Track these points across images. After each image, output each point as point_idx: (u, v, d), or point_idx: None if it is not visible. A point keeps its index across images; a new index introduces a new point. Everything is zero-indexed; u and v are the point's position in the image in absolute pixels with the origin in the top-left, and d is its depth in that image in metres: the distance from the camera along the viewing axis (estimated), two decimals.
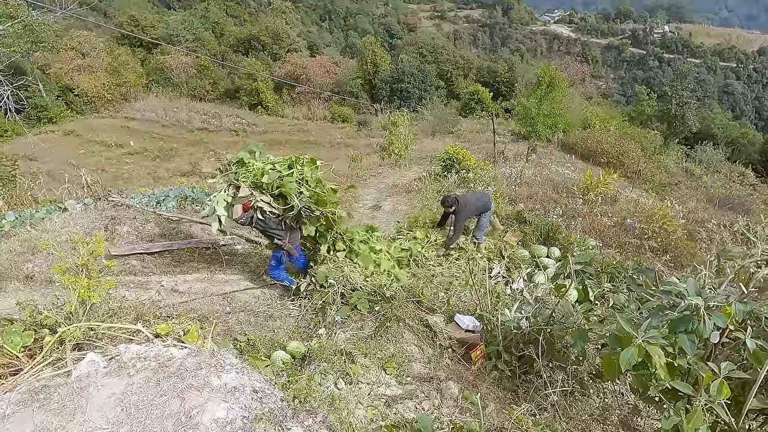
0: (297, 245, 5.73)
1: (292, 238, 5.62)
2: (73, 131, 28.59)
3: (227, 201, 5.42)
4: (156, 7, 77.01)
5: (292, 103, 39.79)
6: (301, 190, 5.52)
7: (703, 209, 13.70)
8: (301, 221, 5.71)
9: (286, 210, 5.47)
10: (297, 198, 5.43)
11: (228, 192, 5.47)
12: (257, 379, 3.10)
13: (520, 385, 4.07)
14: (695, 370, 2.81)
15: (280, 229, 5.51)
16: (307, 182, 5.63)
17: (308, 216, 5.60)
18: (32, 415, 2.56)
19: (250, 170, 5.51)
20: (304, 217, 5.60)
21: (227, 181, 5.55)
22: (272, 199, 5.46)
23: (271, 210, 5.43)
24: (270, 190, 5.46)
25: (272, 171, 5.47)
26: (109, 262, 4.16)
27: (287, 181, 5.42)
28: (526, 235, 8.42)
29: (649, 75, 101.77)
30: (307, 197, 5.55)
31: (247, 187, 5.40)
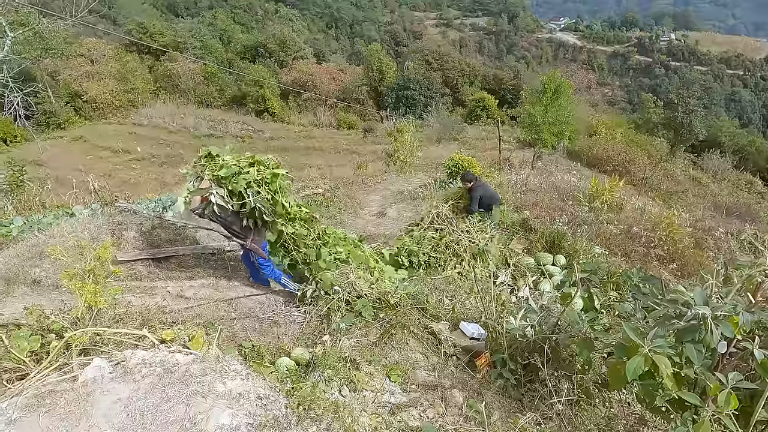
0: (264, 243, 5.70)
1: (256, 238, 5.58)
2: (81, 137, 28.89)
3: (189, 191, 5.42)
4: (164, 14, 77.87)
5: (298, 109, 40.06)
6: (258, 189, 5.45)
7: (710, 217, 13.61)
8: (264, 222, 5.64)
9: (239, 206, 5.42)
10: (252, 196, 5.37)
11: (194, 183, 5.48)
12: (262, 386, 3.11)
13: (525, 393, 4.04)
14: (702, 380, 2.79)
15: (241, 226, 5.50)
16: (267, 184, 5.56)
17: (261, 217, 5.54)
18: (38, 419, 2.57)
19: (216, 164, 5.51)
20: (257, 218, 5.53)
21: (195, 173, 5.56)
22: (227, 193, 5.41)
23: (223, 204, 5.36)
24: (225, 185, 5.41)
25: (231, 166, 5.46)
26: (115, 267, 4.18)
27: (240, 178, 5.38)
28: (531, 243, 8.40)
29: (655, 83, 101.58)
30: (263, 198, 5.48)
31: (209, 179, 5.38)
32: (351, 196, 12.35)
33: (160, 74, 40.50)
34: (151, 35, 44.01)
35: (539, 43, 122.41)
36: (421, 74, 41.40)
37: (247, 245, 5.50)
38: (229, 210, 5.39)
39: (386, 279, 6.30)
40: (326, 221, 10.17)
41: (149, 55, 42.77)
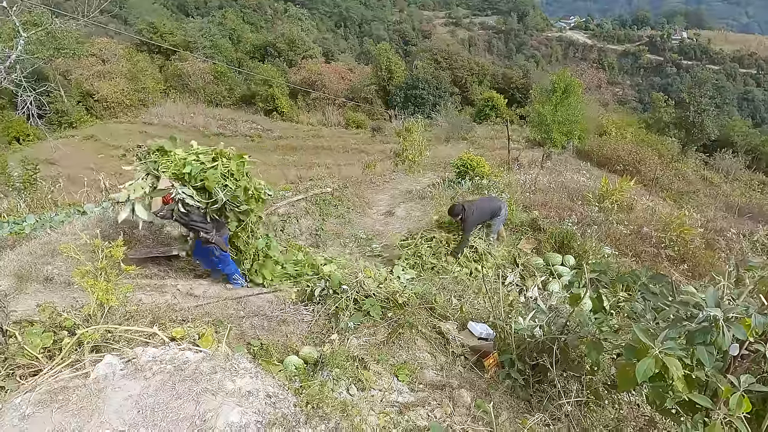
0: (225, 237, 5.58)
1: (220, 232, 5.46)
2: (92, 136, 29.19)
3: (144, 191, 5.11)
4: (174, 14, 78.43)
5: (307, 108, 40.19)
6: (225, 183, 5.30)
7: (722, 218, 13.47)
8: (225, 216, 5.52)
9: (210, 203, 5.26)
10: (222, 191, 5.23)
11: (146, 181, 5.16)
12: (270, 384, 3.12)
13: (533, 394, 4.03)
14: (714, 382, 2.76)
15: (205, 221, 5.31)
16: (233, 176, 5.40)
17: (233, 210, 5.43)
18: (51, 415, 2.61)
19: (172, 160, 5.22)
20: (227, 211, 5.42)
21: (146, 170, 5.22)
22: (195, 192, 5.19)
23: (194, 203, 5.17)
24: (193, 182, 5.18)
25: (195, 162, 5.21)
26: (126, 266, 4.23)
27: (211, 174, 5.18)
28: (540, 243, 8.36)
29: (666, 81, 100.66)
30: (233, 191, 5.34)
31: (168, 178, 5.10)
32: (359, 195, 12.36)
33: (170, 73, 40.82)
34: (161, 35, 44.34)
35: (549, 42, 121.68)
36: (429, 73, 41.33)
37: (212, 239, 5.35)
38: (196, 208, 5.21)
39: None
40: (335, 220, 10.22)
41: (159, 55, 43.10)
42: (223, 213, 5.45)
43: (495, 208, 7.75)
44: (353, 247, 8.67)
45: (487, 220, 7.73)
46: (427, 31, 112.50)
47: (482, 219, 7.63)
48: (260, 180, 5.97)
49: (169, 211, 5.11)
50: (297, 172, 18.15)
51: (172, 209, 5.11)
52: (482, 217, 7.61)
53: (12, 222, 7.85)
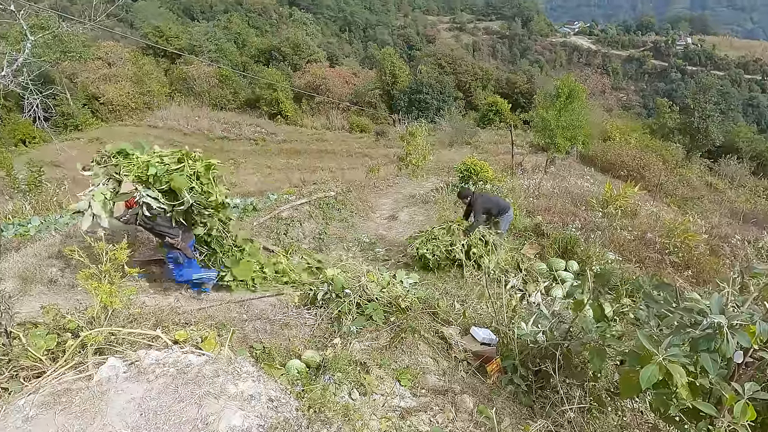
0: (191, 243, 5.40)
1: (186, 237, 5.25)
2: (97, 138, 29.32)
3: (106, 196, 4.90)
4: (180, 18, 78.90)
5: (311, 112, 40.33)
6: (192, 185, 5.11)
7: (726, 224, 13.41)
8: (191, 220, 5.34)
9: (176, 206, 5.05)
10: (188, 193, 5.04)
11: (107, 186, 4.96)
12: (273, 388, 3.13)
13: (536, 400, 4.02)
14: (718, 390, 2.75)
15: (171, 226, 5.10)
16: (199, 178, 5.23)
17: (199, 213, 5.26)
18: (54, 417, 2.61)
19: (134, 163, 5.02)
20: (194, 215, 5.24)
21: (107, 174, 5.00)
22: (160, 195, 4.99)
23: (160, 206, 4.97)
24: (157, 185, 4.98)
25: (159, 164, 5.02)
26: (130, 268, 4.24)
27: (177, 176, 4.98)
28: (543, 248, 8.35)
29: (671, 87, 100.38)
30: (199, 193, 5.17)
31: (131, 181, 4.90)
32: (363, 200, 12.36)
33: (176, 77, 41.05)
34: (167, 39, 44.63)
35: (553, 47, 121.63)
36: (433, 78, 41.38)
37: (178, 245, 5.14)
38: (161, 212, 5.02)
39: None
40: (338, 224, 10.23)
41: (165, 58, 43.36)
42: (190, 217, 5.27)
43: (502, 204, 8.02)
44: (356, 251, 8.67)
45: (493, 212, 7.89)
46: (432, 35, 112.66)
47: (488, 208, 7.84)
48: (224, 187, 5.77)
49: (132, 215, 4.92)
50: (301, 175, 18.18)
51: (136, 213, 4.92)
52: (488, 206, 7.84)
53: (17, 224, 7.90)
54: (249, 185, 20.66)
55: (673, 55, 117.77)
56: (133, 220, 4.97)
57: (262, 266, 6.22)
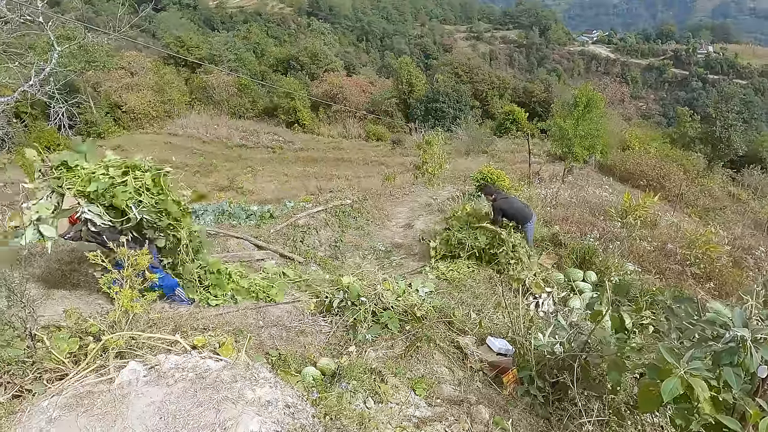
0: (154, 254, 4.99)
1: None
2: (119, 146, 29.83)
3: (49, 211, 4.57)
4: (201, 28, 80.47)
5: (328, 121, 40.64)
6: (140, 199, 4.76)
7: (750, 235, 13.11)
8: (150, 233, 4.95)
9: (123, 221, 4.71)
10: (135, 208, 4.70)
11: (51, 200, 4.63)
12: (290, 394, 3.15)
13: (553, 412, 3.96)
14: (741, 405, 2.69)
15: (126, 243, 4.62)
16: (149, 190, 4.88)
17: (152, 227, 4.89)
18: (77, 419, 2.67)
19: (77, 175, 4.68)
20: (145, 229, 4.86)
21: (50, 187, 4.66)
22: (104, 210, 4.65)
23: (104, 223, 4.63)
24: (100, 200, 4.65)
25: (102, 177, 4.69)
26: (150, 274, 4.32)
27: (119, 191, 4.63)
28: (561, 258, 8.26)
29: (691, 96, 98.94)
30: (150, 206, 4.81)
31: (73, 196, 4.58)
32: (379, 208, 12.40)
33: (196, 86, 41.77)
34: (187, 48, 45.49)
35: (571, 56, 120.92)
36: (450, 87, 41.41)
37: None
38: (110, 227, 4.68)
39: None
40: (354, 232, 10.26)
41: (185, 68, 44.14)
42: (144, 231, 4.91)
43: (524, 211, 7.97)
44: (372, 259, 8.69)
45: (517, 216, 7.86)
46: (448, 45, 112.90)
47: (510, 208, 7.84)
48: (184, 191, 5.48)
49: (77, 232, 4.59)
50: (317, 183, 18.31)
51: (80, 230, 4.59)
52: (510, 207, 7.85)
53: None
54: (266, 193, 20.87)
55: (694, 63, 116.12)
56: (78, 237, 4.64)
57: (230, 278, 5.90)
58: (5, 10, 8.37)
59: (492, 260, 7.71)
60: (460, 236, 7.97)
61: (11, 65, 8.85)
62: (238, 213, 9.75)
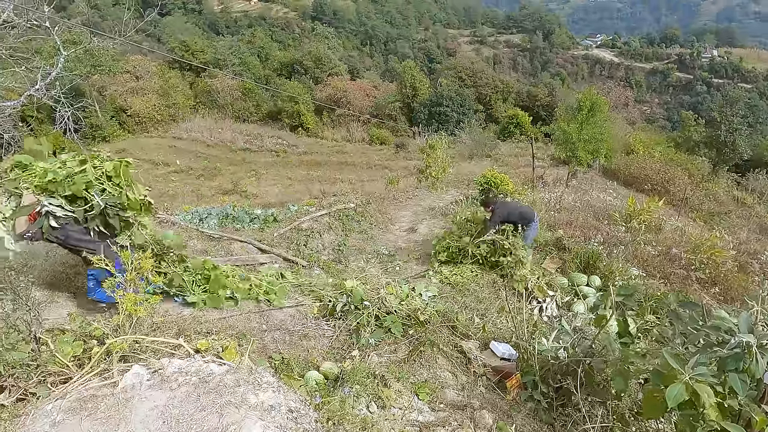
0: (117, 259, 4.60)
1: (108, 250, 4.57)
2: (124, 150, 30.03)
3: (4, 215, 4.37)
4: (206, 33, 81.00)
5: (331, 125, 40.76)
6: (103, 187, 4.61)
7: (755, 240, 13.03)
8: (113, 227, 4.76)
9: (87, 212, 4.53)
10: (98, 196, 4.53)
11: (8, 204, 4.44)
12: (292, 399, 3.14)
13: (557, 418, 3.95)
14: (747, 412, 2.67)
15: (89, 239, 4.55)
16: (110, 179, 4.71)
17: (117, 216, 4.71)
18: (80, 422, 2.67)
19: (33, 173, 4.55)
20: (110, 219, 4.65)
21: (6, 192, 4.52)
22: (65, 201, 4.48)
23: (67, 214, 4.45)
24: (61, 192, 4.48)
25: (59, 169, 4.56)
26: (154, 277, 4.33)
27: (78, 178, 4.48)
28: (565, 263, 8.24)
29: (696, 100, 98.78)
30: (113, 196, 4.65)
31: (31, 193, 4.42)
32: (382, 212, 12.40)
33: (200, 90, 41.99)
34: (192, 53, 45.77)
35: (575, 60, 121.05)
36: (454, 91, 41.43)
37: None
38: (69, 221, 4.48)
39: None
40: (357, 236, 10.27)
41: (190, 72, 44.38)
42: (107, 222, 4.69)
43: (526, 213, 7.89)
44: (375, 263, 8.69)
45: (517, 219, 7.81)
46: (452, 49, 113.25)
47: (510, 214, 7.78)
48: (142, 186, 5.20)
49: (38, 229, 4.35)
50: (321, 187, 18.33)
51: (41, 226, 4.36)
52: (509, 217, 7.77)
53: None
54: (270, 196, 20.90)
55: (699, 67, 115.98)
56: (39, 236, 4.38)
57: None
58: (12, 14, 8.45)
59: (495, 266, 7.69)
60: (460, 245, 7.97)
61: (18, 69, 8.92)
62: (242, 216, 9.77)
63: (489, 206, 7.85)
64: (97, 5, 78.73)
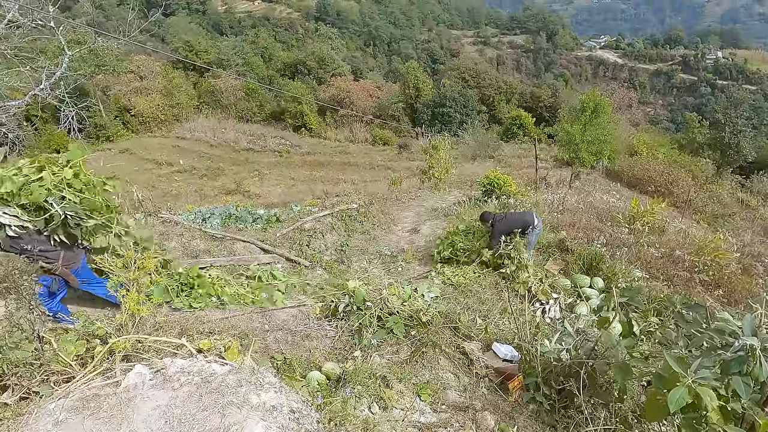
0: (82, 270, 4.59)
1: (70, 257, 4.43)
2: (128, 149, 30.14)
3: None
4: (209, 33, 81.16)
5: (334, 125, 40.78)
6: (62, 195, 4.40)
7: (759, 242, 12.97)
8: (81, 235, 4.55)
9: (47, 222, 4.32)
10: (57, 204, 4.31)
11: None
12: (294, 399, 3.14)
13: (559, 420, 3.94)
14: (750, 415, 2.65)
15: (49, 248, 4.33)
16: (70, 185, 4.52)
17: (79, 225, 4.48)
18: (83, 422, 2.68)
19: None
20: (70, 228, 4.41)
21: None
22: (22, 211, 4.26)
23: (22, 224, 4.22)
24: (17, 201, 4.27)
25: (15, 177, 4.34)
26: (158, 277, 4.34)
27: (35, 187, 4.28)
28: (568, 264, 8.22)
29: (700, 102, 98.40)
30: (74, 203, 4.44)
31: None
32: (385, 212, 12.40)
33: (204, 90, 42.08)
34: (196, 53, 45.89)
35: (578, 61, 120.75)
36: (457, 91, 41.40)
37: (57, 270, 4.36)
38: (27, 231, 4.27)
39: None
40: (360, 236, 10.27)
41: (194, 72, 44.46)
42: (71, 232, 4.46)
43: (527, 220, 7.84)
44: (378, 263, 8.69)
45: (518, 230, 7.74)
46: (456, 49, 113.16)
47: (510, 230, 7.73)
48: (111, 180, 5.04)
49: None
50: (323, 187, 18.35)
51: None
52: (510, 228, 7.73)
53: None
54: (273, 196, 20.91)
55: (703, 69, 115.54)
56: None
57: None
58: (17, 14, 8.48)
59: (498, 267, 7.68)
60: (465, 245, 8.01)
61: (23, 69, 8.96)
62: (245, 216, 9.78)
63: (488, 221, 7.88)
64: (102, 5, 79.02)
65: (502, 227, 7.69)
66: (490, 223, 7.84)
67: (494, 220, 7.79)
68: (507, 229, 7.70)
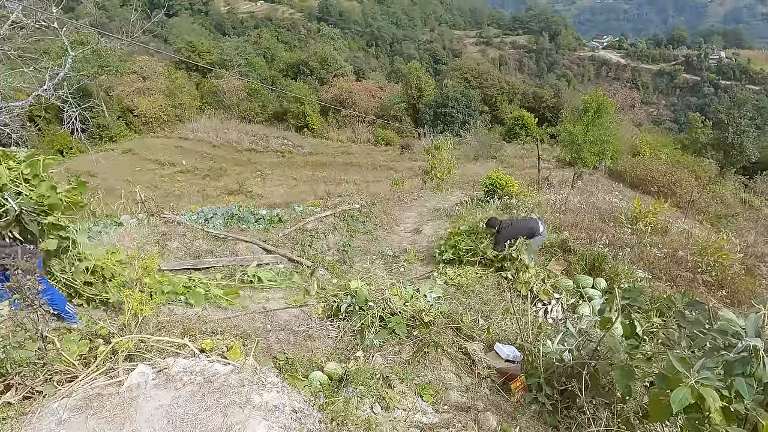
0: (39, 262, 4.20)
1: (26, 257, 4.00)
2: (130, 150, 30.24)
3: None
4: (212, 34, 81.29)
5: (337, 125, 40.83)
6: (19, 190, 4.21)
7: (763, 243, 12.93)
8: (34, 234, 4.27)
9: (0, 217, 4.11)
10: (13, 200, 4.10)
11: None
12: (297, 399, 3.15)
13: (561, 420, 3.93)
14: (753, 416, 2.64)
15: (5, 244, 4.09)
16: (28, 181, 4.32)
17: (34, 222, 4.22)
18: (86, 421, 2.69)
19: None
20: (26, 224, 4.17)
21: None
22: None
23: None
24: None
25: None
26: (160, 277, 4.34)
27: None
28: (570, 265, 8.20)
29: (703, 102, 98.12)
30: (30, 200, 4.26)
31: None
32: (387, 213, 12.40)
33: (206, 90, 42.19)
34: (199, 53, 46.03)
35: (581, 61, 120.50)
36: (459, 92, 41.40)
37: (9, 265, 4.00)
38: None
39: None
40: (362, 236, 10.27)
41: (197, 72, 44.59)
42: (26, 229, 4.21)
43: (532, 228, 7.84)
44: (380, 264, 8.69)
45: (523, 236, 7.75)
46: (458, 50, 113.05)
47: (516, 237, 7.73)
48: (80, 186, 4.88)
49: None
50: (326, 188, 18.38)
51: None
52: (516, 235, 7.73)
53: None
54: (275, 197, 20.96)
55: (706, 69, 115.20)
56: None
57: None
58: (21, 15, 8.51)
59: (500, 268, 7.68)
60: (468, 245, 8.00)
61: (26, 70, 8.99)
62: (247, 217, 9.80)
63: (494, 227, 7.88)
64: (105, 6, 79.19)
65: (508, 234, 7.72)
66: (497, 229, 7.84)
67: (501, 227, 7.80)
68: (513, 236, 7.72)
